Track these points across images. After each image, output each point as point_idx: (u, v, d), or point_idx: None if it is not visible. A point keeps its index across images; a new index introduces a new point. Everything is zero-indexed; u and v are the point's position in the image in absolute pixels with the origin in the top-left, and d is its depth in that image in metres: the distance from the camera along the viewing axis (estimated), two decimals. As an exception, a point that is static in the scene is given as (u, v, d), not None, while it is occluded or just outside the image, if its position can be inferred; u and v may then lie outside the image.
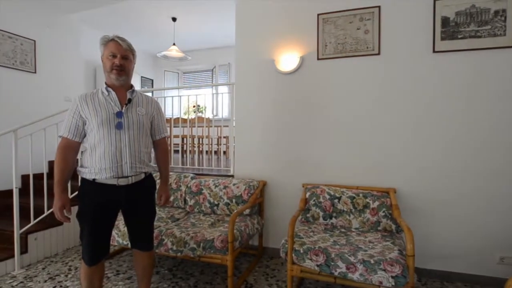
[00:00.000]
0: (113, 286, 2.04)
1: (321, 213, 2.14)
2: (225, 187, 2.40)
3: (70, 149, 1.48)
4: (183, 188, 2.54)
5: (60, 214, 1.45)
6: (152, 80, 6.05)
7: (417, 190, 2.17)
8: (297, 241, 1.75)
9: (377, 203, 2.04)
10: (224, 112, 5.72)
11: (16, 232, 2.30)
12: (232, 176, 2.70)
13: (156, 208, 1.73)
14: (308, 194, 2.23)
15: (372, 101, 2.26)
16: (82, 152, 1.55)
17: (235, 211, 2.07)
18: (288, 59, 2.45)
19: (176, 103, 3.80)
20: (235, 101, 2.71)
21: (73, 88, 3.86)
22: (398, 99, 2.20)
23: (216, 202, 2.40)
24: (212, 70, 5.79)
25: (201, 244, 1.87)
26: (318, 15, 2.36)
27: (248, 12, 2.61)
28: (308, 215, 2.17)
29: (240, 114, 2.68)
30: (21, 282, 2.14)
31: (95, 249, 1.51)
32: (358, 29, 2.26)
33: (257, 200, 2.36)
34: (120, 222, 2.08)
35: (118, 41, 1.49)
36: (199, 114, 5.52)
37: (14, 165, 2.31)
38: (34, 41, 3.38)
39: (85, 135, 1.49)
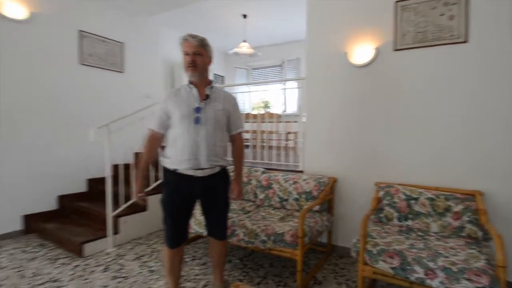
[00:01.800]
0: (190, 269, 2.34)
1: (395, 214, 2.12)
2: (294, 183, 2.54)
3: (155, 140, 1.73)
4: (253, 181, 2.76)
5: (136, 195, 1.74)
6: (223, 77, 6.51)
7: (509, 194, 1.99)
8: (369, 241, 1.78)
9: (460, 206, 1.94)
10: (292, 107, 5.88)
11: (109, 215, 2.78)
12: (301, 171, 2.81)
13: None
14: (381, 193, 2.22)
15: (457, 95, 2.12)
16: (165, 143, 1.77)
17: (305, 206, 2.19)
18: (361, 51, 2.44)
19: (245, 99, 4.07)
20: (306, 95, 2.79)
21: (154, 86, 4.41)
22: (486, 92, 2.03)
23: (285, 197, 2.55)
24: (281, 65, 5.98)
25: (272, 237, 2.03)
26: (395, 2, 2.29)
27: (320, 4, 2.66)
28: (381, 215, 2.17)
29: (311, 108, 2.76)
30: (114, 259, 2.58)
31: (175, 234, 1.73)
32: (441, 15, 2.13)
33: (327, 197, 2.43)
34: (197, 211, 2.31)
35: (189, 38, 1.60)
36: (267, 110, 5.80)
37: (107, 156, 2.77)
38: (122, 43, 3.97)
39: (169, 128, 1.69)
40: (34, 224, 3.13)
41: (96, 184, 3.56)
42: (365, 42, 2.44)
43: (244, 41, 4.71)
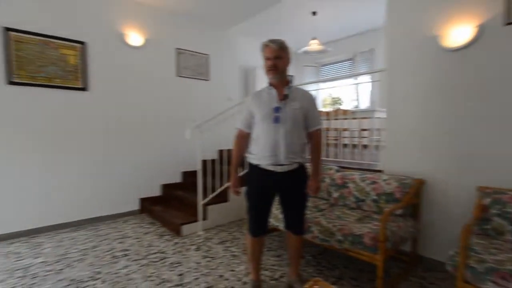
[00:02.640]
0: (266, 259, 2.30)
1: (509, 227, 1.61)
2: (373, 183, 2.22)
3: (243, 139, 1.77)
4: (327, 180, 2.53)
5: (232, 189, 1.80)
6: (292, 76, 6.34)
7: None
8: (473, 257, 1.40)
9: None
10: (365, 103, 5.29)
11: (199, 203, 2.98)
12: (381, 171, 2.45)
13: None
14: (487, 200, 1.73)
15: None
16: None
17: (387, 209, 1.87)
18: (458, 31, 1.95)
19: (316, 96, 3.81)
20: (387, 88, 2.41)
21: (232, 90, 4.57)
22: None
23: (362, 197, 2.25)
24: (352, 59, 5.42)
25: (349, 238, 1.81)
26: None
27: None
28: (487, 226, 1.69)
29: (392, 103, 2.37)
30: (203, 240, 2.75)
31: (257, 223, 1.75)
32: None
33: (411, 200, 2.04)
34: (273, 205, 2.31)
35: (270, 44, 1.61)
36: (338, 106, 5.36)
37: (198, 152, 2.97)
38: (208, 55, 4.21)
39: (253, 127, 1.71)
40: (146, 205, 3.59)
41: (189, 176, 3.86)
42: (462, 20, 1.94)
43: (314, 38, 4.40)
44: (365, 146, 4.06)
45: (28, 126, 2.86)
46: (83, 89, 3.14)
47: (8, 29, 2.70)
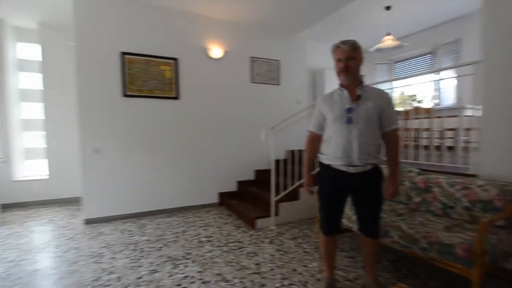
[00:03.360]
0: (338, 259, 2.22)
1: None
2: (464, 188, 1.92)
3: (314, 140, 1.75)
4: (407, 183, 2.30)
5: (305, 188, 1.80)
6: (362, 76, 5.90)
7: None
8: None
9: None
10: (448, 100, 4.60)
11: (272, 199, 3.06)
12: (473, 175, 2.10)
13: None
14: None
15: None
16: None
17: (486, 219, 1.60)
18: None
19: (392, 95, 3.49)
20: (484, 81, 2.05)
21: (301, 93, 4.55)
22: None
23: (450, 204, 1.97)
24: (433, 52, 4.77)
25: (436, 247, 1.61)
26: None
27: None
28: None
29: (490, 97, 2.00)
30: (276, 235, 2.81)
31: (329, 222, 1.71)
32: None
33: (518, 210, 1.70)
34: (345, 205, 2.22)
35: (341, 46, 1.55)
36: (416, 104, 4.78)
37: (272, 152, 3.07)
38: (278, 61, 4.29)
39: (325, 128, 1.68)
40: (224, 199, 3.88)
41: (261, 174, 3.99)
42: None
43: (388, 34, 4.00)
44: (449, 148, 3.53)
45: (137, 129, 3.42)
46: (175, 98, 3.59)
47: (123, 53, 3.29)
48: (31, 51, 4.13)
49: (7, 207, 3.82)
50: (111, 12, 3.24)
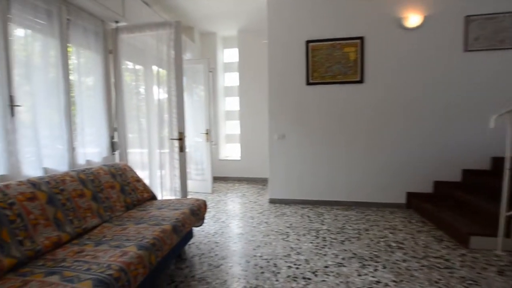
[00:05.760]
0: None
1: None
2: None
3: None
4: None
5: None
6: None
7: None
8: None
9: None
10: None
11: (502, 214, 2.22)
12: None
13: None
14: None
15: None
16: None
17: None
18: None
19: None
20: None
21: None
22: None
23: None
24: None
25: None
26: None
27: None
28: None
29: None
30: (507, 265, 2.05)
31: None
32: None
33: None
34: None
35: None
36: None
37: (509, 145, 2.20)
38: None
39: None
40: (413, 201, 3.32)
41: (472, 176, 3.09)
42: None
43: None
44: None
45: (319, 118, 3.54)
46: (360, 81, 3.39)
47: (308, 42, 3.45)
48: (232, 55, 5.27)
49: (216, 179, 5.13)
50: (297, 5, 3.47)
